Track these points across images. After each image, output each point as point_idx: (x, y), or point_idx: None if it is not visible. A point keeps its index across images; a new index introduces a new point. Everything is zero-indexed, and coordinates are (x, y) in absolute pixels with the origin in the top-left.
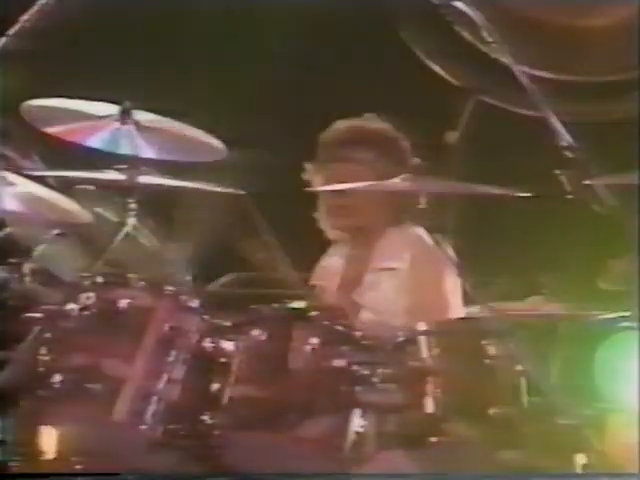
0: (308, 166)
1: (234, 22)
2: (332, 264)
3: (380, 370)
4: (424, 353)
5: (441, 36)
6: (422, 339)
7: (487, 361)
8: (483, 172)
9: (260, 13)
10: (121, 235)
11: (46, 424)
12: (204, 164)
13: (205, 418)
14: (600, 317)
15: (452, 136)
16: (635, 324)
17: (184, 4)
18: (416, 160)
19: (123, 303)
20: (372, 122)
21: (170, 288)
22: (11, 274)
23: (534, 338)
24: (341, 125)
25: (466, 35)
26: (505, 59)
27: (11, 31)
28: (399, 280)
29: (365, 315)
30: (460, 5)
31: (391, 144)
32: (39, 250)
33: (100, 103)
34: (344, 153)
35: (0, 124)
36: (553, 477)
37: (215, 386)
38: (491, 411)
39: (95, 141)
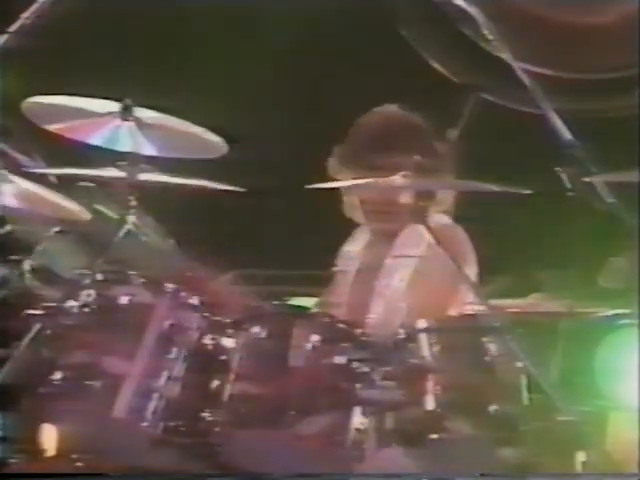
0: (333, 162)
1: (234, 18)
2: (354, 249)
3: (380, 368)
4: (424, 351)
5: (441, 33)
6: (422, 336)
7: (487, 358)
8: (483, 169)
9: (260, 11)
10: (122, 232)
11: (47, 421)
12: (205, 161)
13: (205, 415)
14: (600, 314)
15: (452, 133)
16: (635, 321)
17: (185, 1)
18: (442, 146)
19: (123, 300)
20: (401, 115)
21: (170, 285)
22: (11, 271)
23: (534, 336)
24: (373, 121)
25: (466, 32)
26: (505, 56)
27: (12, 28)
28: (412, 270)
29: (376, 303)
30: (460, 2)
31: (423, 136)
32: (39, 247)
33: (101, 100)
34: (380, 159)
35: (1, 122)
36: (553, 476)
37: (215, 383)
38: (491, 408)
39: (96, 138)
